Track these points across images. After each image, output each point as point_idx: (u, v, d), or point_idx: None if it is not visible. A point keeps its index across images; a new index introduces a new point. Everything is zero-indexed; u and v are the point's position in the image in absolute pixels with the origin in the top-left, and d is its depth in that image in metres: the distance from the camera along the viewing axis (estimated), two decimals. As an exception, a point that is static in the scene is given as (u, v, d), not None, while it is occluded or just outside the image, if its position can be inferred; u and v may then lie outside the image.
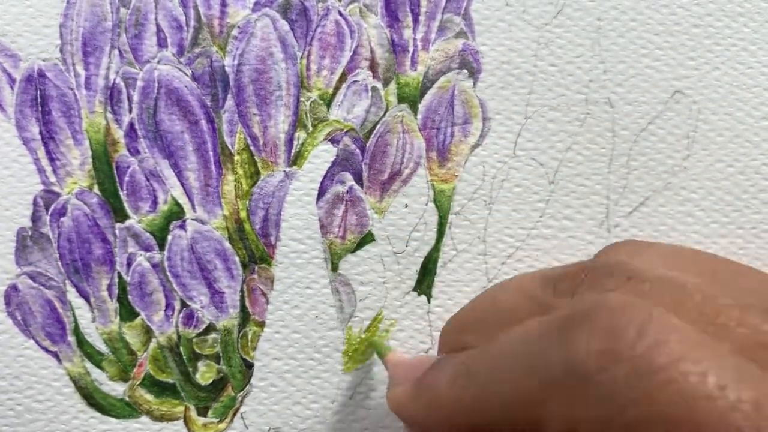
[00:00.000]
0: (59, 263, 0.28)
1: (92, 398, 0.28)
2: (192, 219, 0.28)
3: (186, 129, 0.28)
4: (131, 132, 0.28)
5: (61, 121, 0.28)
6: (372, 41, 0.29)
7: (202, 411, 0.29)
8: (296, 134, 0.29)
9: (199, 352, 0.29)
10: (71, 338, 0.28)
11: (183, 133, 0.28)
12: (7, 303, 0.28)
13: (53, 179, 0.28)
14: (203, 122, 0.28)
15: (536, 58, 0.29)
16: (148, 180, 0.28)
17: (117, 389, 0.29)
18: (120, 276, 0.28)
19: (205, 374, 0.29)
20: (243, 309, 0.29)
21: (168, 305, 0.28)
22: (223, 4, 0.28)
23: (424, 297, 0.29)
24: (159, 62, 0.28)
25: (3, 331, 0.28)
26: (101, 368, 0.29)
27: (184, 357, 0.29)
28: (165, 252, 0.28)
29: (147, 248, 0.28)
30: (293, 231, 0.29)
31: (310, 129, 0.29)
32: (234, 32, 0.28)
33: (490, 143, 0.29)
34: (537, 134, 0.29)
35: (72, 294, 0.28)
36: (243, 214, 0.28)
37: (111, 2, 0.28)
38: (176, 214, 0.28)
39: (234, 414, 0.29)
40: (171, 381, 0.29)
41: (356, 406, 0.29)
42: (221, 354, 0.29)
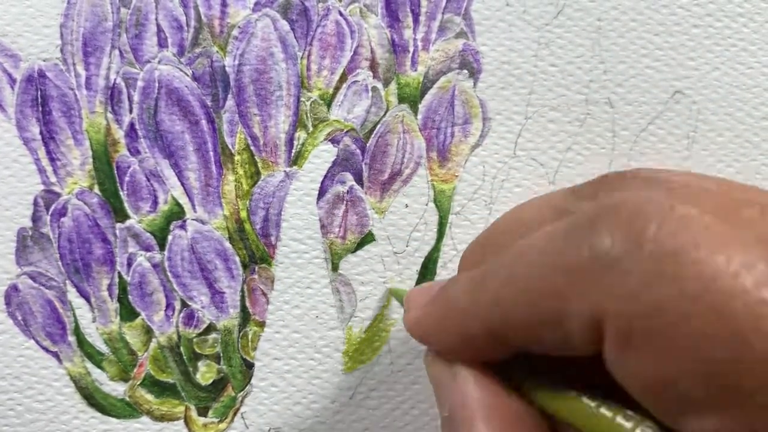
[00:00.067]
0: (60, 263, 0.28)
1: (93, 398, 0.28)
2: (192, 219, 0.28)
3: (186, 129, 0.28)
4: (132, 132, 0.28)
5: (62, 121, 0.28)
6: (372, 41, 0.29)
7: (203, 411, 0.29)
8: (297, 134, 0.29)
9: (200, 352, 0.29)
10: (71, 338, 0.28)
11: (183, 133, 0.28)
12: (8, 303, 0.28)
13: (54, 179, 0.28)
14: (204, 122, 0.28)
15: (536, 59, 0.29)
16: (149, 180, 0.28)
17: (117, 389, 0.29)
18: (120, 276, 0.28)
19: (206, 374, 0.29)
20: (243, 309, 0.29)
21: (168, 305, 0.28)
22: (224, 5, 0.28)
23: (425, 297, 0.29)
24: (159, 62, 0.28)
25: (3, 331, 0.28)
26: (102, 368, 0.29)
27: (185, 357, 0.29)
28: (165, 252, 0.28)
29: (147, 248, 0.28)
30: (294, 231, 0.29)
31: (311, 129, 0.29)
32: (234, 32, 0.28)
33: (491, 143, 0.29)
34: (537, 134, 0.29)
35: (72, 294, 0.28)
36: (243, 214, 0.28)
37: (111, 2, 0.28)
38: (176, 214, 0.28)
39: (234, 414, 0.29)
40: (171, 381, 0.29)
41: (356, 406, 0.29)
42: (221, 354, 0.29)
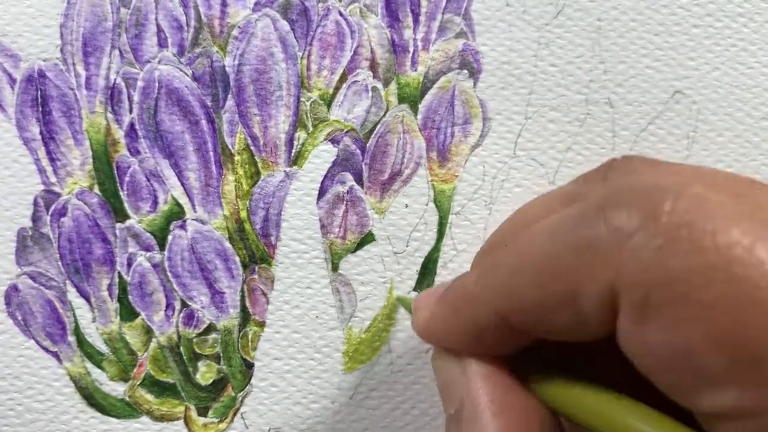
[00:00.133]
0: (59, 263, 0.28)
1: (92, 398, 0.28)
2: (192, 219, 0.28)
3: (186, 129, 0.28)
4: (132, 132, 0.28)
5: (62, 122, 0.28)
6: (372, 41, 0.29)
7: (203, 411, 0.29)
8: (297, 134, 0.29)
9: (200, 352, 0.29)
10: (71, 338, 0.28)
11: (183, 133, 0.28)
12: (8, 303, 0.28)
13: (54, 179, 0.28)
14: (204, 122, 0.28)
15: (536, 59, 0.29)
16: (149, 180, 0.28)
17: (117, 389, 0.29)
18: (120, 276, 0.28)
19: (206, 374, 0.29)
20: (243, 309, 0.29)
21: (168, 305, 0.28)
22: (224, 4, 0.28)
23: (425, 297, 0.29)
24: (159, 62, 0.28)
25: (3, 331, 0.28)
26: (101, 368, 0.29)
27: (185, 357, 0.29)
28: (165, 252, 0.28)
29: (147, 248, 0.28)
30: (294, 231, 0.29)
31: (311, 129, 0.29)
32: (234, 32, 0.28)
33: (491, 143, 0.29)
34: (537, 134, 0.29)
35: (72, 294, 0.28)
36: (243, 214, 0.28)
37: (111, 2, 0.28)
38: (176, 214, 0.28)
39: (234, 414, 0.29)
40: (171, 381, 0.29)
41: (356, 406, 0.29)
42: (221, 354, 0.29)
